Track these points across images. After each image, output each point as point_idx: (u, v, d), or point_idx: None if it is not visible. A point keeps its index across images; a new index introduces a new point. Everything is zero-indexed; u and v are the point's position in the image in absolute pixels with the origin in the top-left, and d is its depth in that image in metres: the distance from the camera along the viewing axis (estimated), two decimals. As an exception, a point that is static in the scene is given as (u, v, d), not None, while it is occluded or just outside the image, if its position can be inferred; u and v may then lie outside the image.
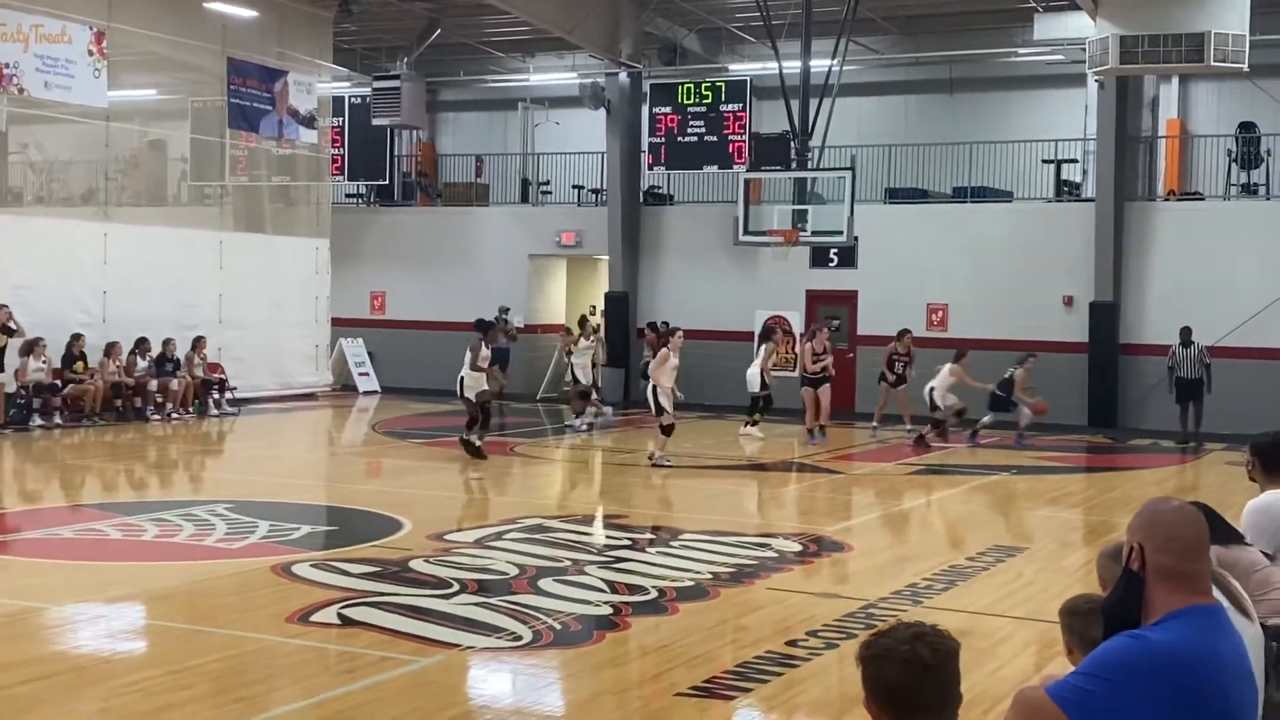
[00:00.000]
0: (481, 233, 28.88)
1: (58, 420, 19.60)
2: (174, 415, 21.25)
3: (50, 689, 6.96)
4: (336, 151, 28.89)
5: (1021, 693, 3.11)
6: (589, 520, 13.03)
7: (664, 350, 16.96)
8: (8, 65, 19.96)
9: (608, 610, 8.91)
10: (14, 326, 18.93)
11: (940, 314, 24.70)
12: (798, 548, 11.52)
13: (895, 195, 25.51)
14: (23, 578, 9.57)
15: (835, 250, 24.37)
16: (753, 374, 20.59)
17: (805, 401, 20.35)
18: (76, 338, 20.42)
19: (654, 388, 16.70)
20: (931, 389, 19.52)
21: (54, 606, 8.79)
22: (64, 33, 20.70)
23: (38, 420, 19.37)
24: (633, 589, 9.46)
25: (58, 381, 20.02)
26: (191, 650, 7.70)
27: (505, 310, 26.81)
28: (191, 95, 25.37)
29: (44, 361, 19.73)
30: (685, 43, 27.13)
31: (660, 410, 16.45)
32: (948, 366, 19.72)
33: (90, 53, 21.13)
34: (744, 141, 25.93)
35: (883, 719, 2.97)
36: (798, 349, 23.33)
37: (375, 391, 27.43)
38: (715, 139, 26.36)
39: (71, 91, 21.01)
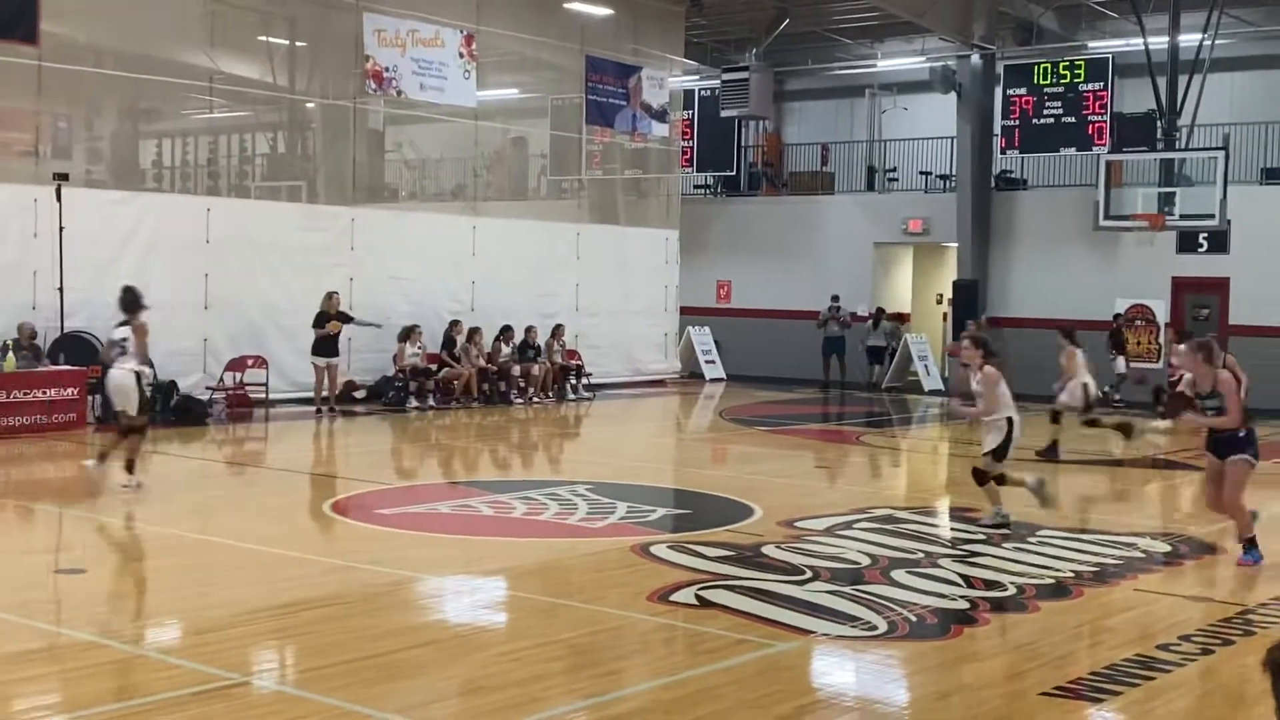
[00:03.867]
0: (826, 221, 28.84)
1: (431, 402, 20.92)
2: (535, 399, 22.29)
3: (434, 655, 7.47)
4: (686, 144, 29.48)
5: None
6: (939, 512, 12.83)
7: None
8: (387, 70, 21.42)
9: (964, 605, 8.76)
10: (350, 314, 20.17)
11: (1323, 303, 22.90)
12: (1166, 548, 10.97)
13: (1273, 175, 23.79)
14: (405, 549, 10.27)
15: (1205, 234, 23.00)
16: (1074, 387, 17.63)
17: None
18: (454, 324, 21.75)
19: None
20: None
21: (434, 577, 9.41)
22: (437, 37, 22.03)
23: (413, 402, 20.73)
24: (990, 584, 9.26)
25: (432, 366, 21.36)
26: (559, 624, 8.07)
27: (836, 299, 26.74)
28: (551, 93, 26.51)
29: (420, 348, 21.10)
30: (1041, 21, 26.18)
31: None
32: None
33: (461, 55, 22.41)
34: (1105, 122, 24.81)
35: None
36: (1161, 339, 22.18)
37: (721, 379, 27.88)
38: (1073, 120, 25.32)
39: (444, 93, 22.34)
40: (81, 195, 18.07)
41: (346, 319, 19.79)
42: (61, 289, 17.43)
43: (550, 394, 22.77)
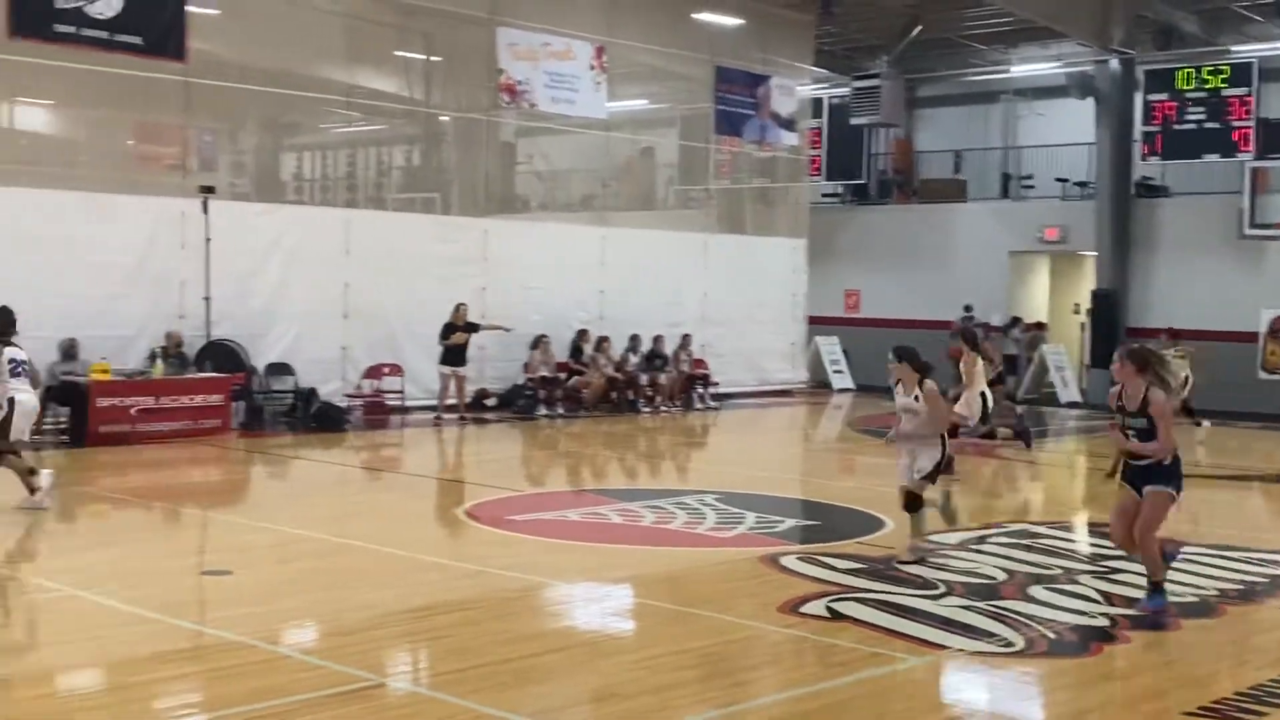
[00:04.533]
0: (959, 229, 28.44)
1: (559, 410, 21.12)
2: (662, 408, 22.36)
3: (566, 660, 7.54)
4: (815, 152, 29.33)
5: None
6: (1077, 527, 12.56)
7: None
8: (520, 82, 21.72)
9: (1104, 622, 8.57)
10: (476, 323, 20.38)
11: None
12: (1315, 567, 10.59)
13: None
14: (536, 555, 10.39)
15: (1357, 243, 22.17)
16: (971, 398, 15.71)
17: None
18: (583, 333, 21.96)
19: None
20: None
21: (564, 584, 9.50)
22: (569, 50, 22.28)
23: (542, 410, 20.95)
24: (1131, 601, 9.04)
25: (560, 375, 21.57)
26: (689, 633, 8.09)
27: (969, 309, 26.34)
28: (680, 103, 26.60)
29: (549, 357, 21.33)
30: (1182, 24, 25.51)
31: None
32: None
33: (591, 67, 22.62)
34: (1249, 128, 24.09)
35: None
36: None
37: (849, 389, 27.65)
38: (1217, 125, 24.61)
39: (574, 105, 22.58)
40: (226, 208, 18.63)
41: (473, 329, 20.08)
42: (208, 298, 17.98)
43: (677, 403, 22.81)
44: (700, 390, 23.44)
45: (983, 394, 15.18)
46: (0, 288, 16.59)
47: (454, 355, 19.95)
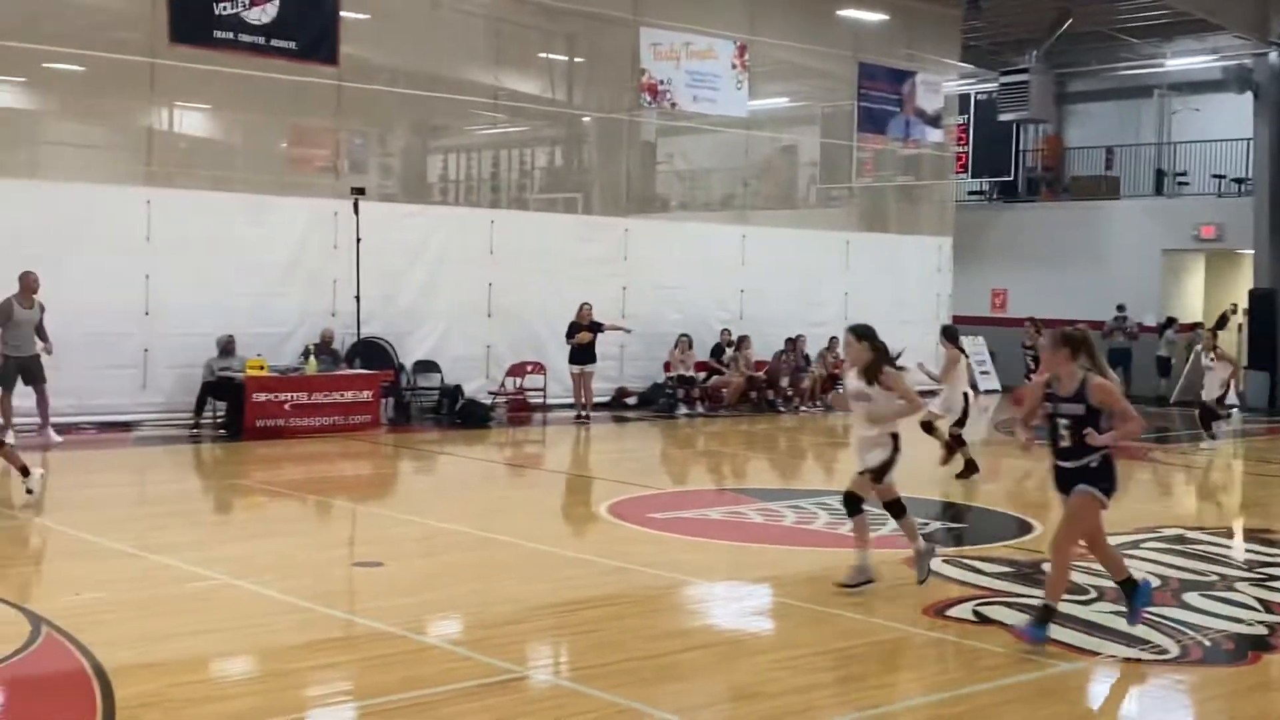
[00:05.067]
0: (1110, 227, 27.74)
1: (699, 409, 21.14)
2: (802, 408, 22.23)
3: (708, 658, 7.55)
4: (961, 149, 28.87)
5: None
6: (1233, 533, 12.16)
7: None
8: (661, 82, 21.81)
9: (1262, 630, 8.28)
10: (600, 323, 20.43)
11: None
12: None
13: None
14: (678, 553, 10.42)
15: None
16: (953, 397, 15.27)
17: None
18: (724, 333, 21.99)
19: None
20: None
21: (706, 582, 9.51)
22: (710, 49, 22.31)
23: (682, 409, 21.00)
24: (1292, 610, 8.73)
25: (700, 374, 21.60)
26: (831, 633, 8.03)
27: (1122, 309, 25.66)
28: (822, 101, 26.41)
29: (688, 355, 21.38)
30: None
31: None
32: None
33: (733, 66, 22.61)
34: None
35: None
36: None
37: (996, 390, 27.15)
38: (1384, 117, 23.60)
39: (716, 104, 22.61)
40: (376, 209, 19.06)
41: (596, 328, 20.19)
42: (358, 297, 18.43)
43: (818, 403, 22.66)
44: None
45: (965, 394, 14.86)
46: (163, 286, 17.33)
47: (581, 354, 20.10)
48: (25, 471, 11.65)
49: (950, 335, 15.42)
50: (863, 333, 9.23)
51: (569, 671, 7.37)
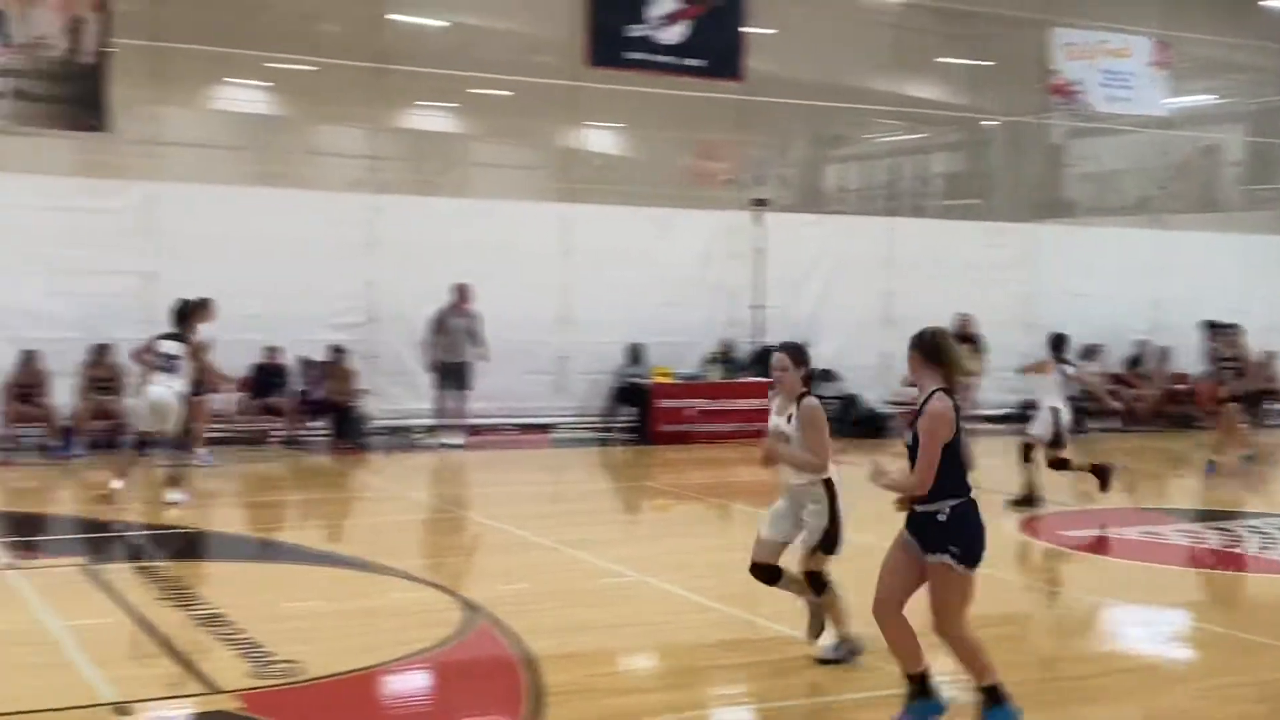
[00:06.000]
0: None
1: (1115, 424, 20.13)
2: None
3: (1121, 683, 7.19)
4: None
5: None
6: None
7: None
8: (1073, 82, 21.03)
9: None
10: (977, 335, 19.54)
11: None
12: None
13: None
14: (1092, 573, 10.03)
15: None
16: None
17: None
18: (1142, 344, 20.94)
19: None
20: None
21: (1120, 604, 9.09)
22: (1125, 47, 21.32)
23: (1089, 423, 20.03)
24: None
25: (1114, 387, 20.55)
26: (1260, 664, 7.51)
27: None
28: (1248, 97, 24.67)
29: (1101, 368, 20.39)
30: None
31: None
32: None
33: (1151, 63, 21.51)
34: None
35: None
36: None
37: None
38: None
39: (1131, 103, 21.59)
40: (774, 219, 19.34)
41: (970, 341, 19.48)
42: (758, 306, 18.75)
43: (1244, 419, 21.07)
44: (1272, 405, 21.55)
45: (1054, 409, 12.95)
46: (578, 296, 18.26)
47: None
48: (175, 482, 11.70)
49: (1054, 344, 13.48)
50: (800, 356, 7.44)
51: (974, 689, 7.21)
